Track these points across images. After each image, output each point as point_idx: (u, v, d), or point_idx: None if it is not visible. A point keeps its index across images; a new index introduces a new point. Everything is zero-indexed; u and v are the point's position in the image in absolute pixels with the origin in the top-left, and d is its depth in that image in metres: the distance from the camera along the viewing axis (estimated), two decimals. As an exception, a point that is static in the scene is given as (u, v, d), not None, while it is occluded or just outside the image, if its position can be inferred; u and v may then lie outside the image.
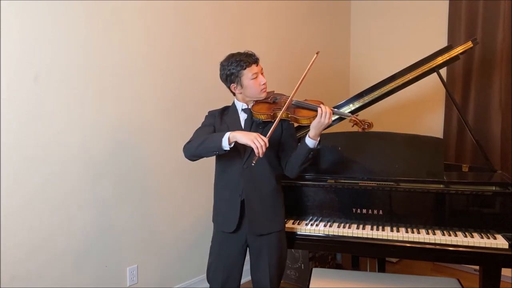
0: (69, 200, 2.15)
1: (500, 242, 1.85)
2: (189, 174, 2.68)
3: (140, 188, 2.45)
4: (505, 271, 2.51)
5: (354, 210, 2.11)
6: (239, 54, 1.80)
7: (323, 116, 1.69)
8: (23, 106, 1.96)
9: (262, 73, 1.83)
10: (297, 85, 1.80)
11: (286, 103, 1.76)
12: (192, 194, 2.72)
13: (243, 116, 1.88)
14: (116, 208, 2.35)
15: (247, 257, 1.92)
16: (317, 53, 1.84)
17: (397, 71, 2.42)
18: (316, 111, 1.73)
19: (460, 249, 1.88)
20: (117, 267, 2.39)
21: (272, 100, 1.86)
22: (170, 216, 2.62)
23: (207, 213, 2.81)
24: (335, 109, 1.80)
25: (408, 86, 2.43)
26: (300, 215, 2.17)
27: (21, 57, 1.95)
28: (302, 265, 2.93)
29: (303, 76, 1.80)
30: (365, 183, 2.12)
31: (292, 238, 2.06)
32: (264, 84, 1.82)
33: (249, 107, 1.86)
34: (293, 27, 3.36)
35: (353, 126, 1.83)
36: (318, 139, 1.75)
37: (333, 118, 1.73)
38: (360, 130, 1.79)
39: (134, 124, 2.40)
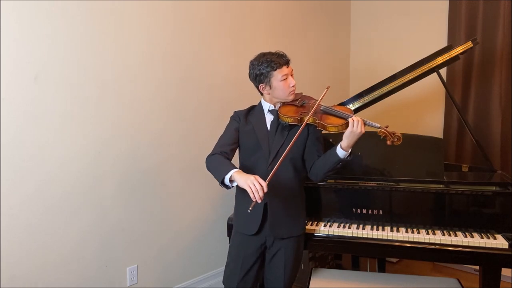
0: (69, 200, 2.15)
1: (500, 242, 1.85)
2: (189, 174, 2.68)
3: (140, 188, 2.45)
4: (505, 271, 2.51)
5: (354, 210, 2.11)
6: (270, 54, 1.77)
7: (355, 126, 1.64)
8: (23, 106, 1.96)
9: (292, 75, 1.81)
10: (326, 90, 1.77)
11: (314, 108, 1.73)
12: (192, 194, 2.72)
13: (269, 118, 1.86)
14: (116, 208, 2.35)
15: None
16: (327, 88, 1.80)
17: (397, 71, 2.42)
18: (345, 119, 1.70)
19: (460, 249, 1.88)
20: (117, 267, 2.39)
21: (300, 104, 1.82)
22: (170, 216, 2.62)
23: (207, 213, 2.81)
24: (366, 120, 1.72)
25: (408, 86, 2.43)
26: (300, 215, 2.17)
27: (21, 57, 1.95)
28: (302, 265, 2.93)
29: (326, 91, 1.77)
30: (365, 183, 2.12)
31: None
32: (293, 86, 1.79)
33: (276, 109, 1.84)
34: (293, 27, 3.36)
35: (382, 138, 1.75)
36: (350, 150, 1.70)
37: (363, 128, 1.66)
38: (389, 143, 1.72)
39: (134, 124, 2.40)
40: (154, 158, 2.50)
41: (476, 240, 1.88)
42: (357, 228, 2.04)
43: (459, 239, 1.89)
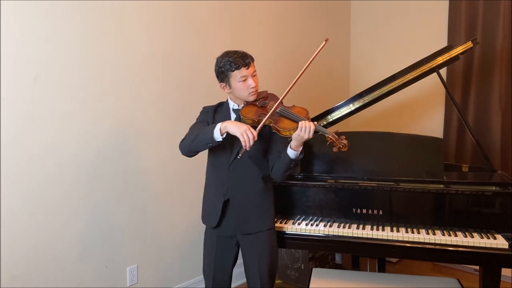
0: (69, 200, 2.15)
1: (500, 242, 1.85)
2: (189, 174, 2.68)
3: (140, 188, 2.45)
4: (505, 271, 2.51)
5: (354, 210, 2.11)
6: (234, 53, 1.79)
7: (303, 131, 1.66)
8: (23, 106, 1.96)
9: (254, 76, 1.82)
10: (287, 91, 1.78)
11: (271, 111, 1.74)
12: (192, 194, 2.72)
13: (233, 116, 1.89)
14: (116, 208, 2.35)
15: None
16: (326, 40, 1.79)
17: (397, 71, 2.42)
18: (297, 123, 1.70)
19: (460, 249, 1.88)
20: (117, 267, 2.39)
21: (260, 104, 1.83)
22: (170, 216, 2.62)
23: (207, 213, 2.81)
24: (317, 125, 1.71)
25: (408, 86, 2.42)
26: (300, 215, 2.17)
27: (21, 57, 1.95)
28: (302, 265, 2.93)
29: (296, 79, 1.79)
30: (365, 183, 2.12)
31: (293, 238, 2.06)
32: (253, 87, 1.79)
33: (239, 108, 1.86)
34: (293, 27, 3.36)
35: (328, 144, 1.75)
36: (300, 149, 1.73)
37: (311, 134, 1.67)
38: (335, 149, 1.72)
39: (133, 124, 2.40)
40: (154, 158, 2.50)
41: (476, 240, 1.88)
42: (357, 228, 2.03)
43: (459, 239, 1.89)
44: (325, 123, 2.48)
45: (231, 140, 1.81)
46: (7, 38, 1.89)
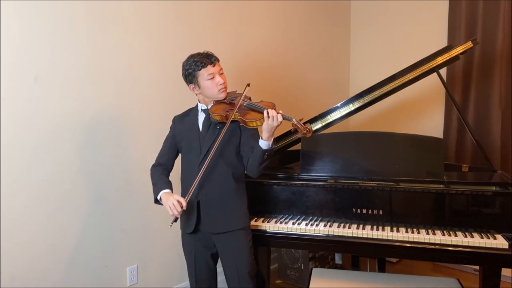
0: (69, 200, 2.15)
1: (500, 242, 1.85)
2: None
3: (140, 188, 2.45)
4: (505, 271, 2.51)
5: (354, 210, 2.11)
6: (197, 54, 1.83)
7: (270, 119, 1.69)
8: (23, 106, 1.97)
9: (221, 73, 1.85)
10: (246, 86, 1.83)
11: (238, 105, 1.78)
12: (192, 194, 2.72)
13: (201, 117, 1.91)
14: (116, 208, 2.35)
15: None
16: (247, 85, 1.86)
17: (397, 71, 2.42)
18: (263, 113, 1.73)
19: (460, 249, 1.88)
20: (117, 267, 2.39)
21: (228, 101, 1.86)
22: (170, 216, 2.61)
23: (207, 213, 2.81)
24: (282, 113, 1.74)
25: (408, 86, 2.42)
26: (300, 215, 2.17)
27: (21, 57, 1.95)
28: (302, 265, 2.93)
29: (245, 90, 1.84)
30: (365, 183, 2.12)
31: (293, 239, 2.06)
32: (221, 84, 1.83)
33: (208, 108, 1.88)
34: (293, 27, 3.36)
35: (293, 131, 1.80)
36: (272, 139, 1.75)
37: (280, 120, 1.70)
38: (299, 135, 1.76)
39: (134, 124, 2.40)
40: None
41: (476, 240, 1.88)
42: (357, 228, 2.03)
43: (459, 239, 1.89)
44: (325, 123, 2.48)
45: (198, 140, 1.87)
46: (7, 38, 1.89)
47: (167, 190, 1.82)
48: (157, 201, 1.85)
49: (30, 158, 2.00)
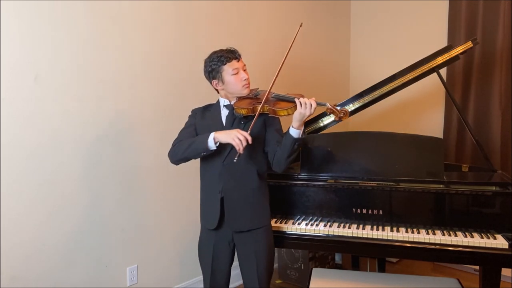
0: (68, 199, 2.15)
1: (500, 242, 1.85)
2: (189, 174, 2.68)
3: (140, 188, 2.45)
4: (505, 271, 2.51)
5: (354, 210, 2.11)
6: (220, 50, 1.82)
7: (303, 107, 1.68)
8: (23, 106, 1.97)
9: (244, 70, 1.84)
10: (275, 76, 1.80)
11: (265, 96, 1.76)
12: (192, 194, 2.72)
13: (224, 113, 1.88)
14: (116, 208, 2.35)
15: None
16: (300, 25, 1.83)
17: (397, 71, 2.42)
18: (294, 102, 1.72)
19: (460, 249, 1.88)
20: (117, 267, 2.39)
21: (253, 95, 1.85)
22: (170, 216, 2.62)
23: (207, 213, 2.81)
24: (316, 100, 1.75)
25: (408, 86, 2.43)
26: (300, 215, 2.17)
27: (21, 57, 1.95)
28: (302, 265, 2.93)
29: (282, 62, 1.83)
30: (365, 183, 2.12)
31: (293, 238, 2.06)
32: (246, 80, 1.81)
33: (231, 103, 1.86)
34: (293, 27, 3.36)
35: (329, 114, 1.90)
36: (302, 128, 1.73)
37: (314, 107, 1.70)
38: (336, 118, 1.79)
39: (134, 124, 2.40)
40: (154, 159, 2.50)
41: (476, 240, 1.88)
42: (357, 228, 2.03)
43: (459, 239, 1.89)
44: (325, 123, 2.48)
45: None
46: (7, 38, 1.89)
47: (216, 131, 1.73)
48: (204, 152, 1.74)
49: (30, 158, 2.00)
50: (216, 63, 1.79)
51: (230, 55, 1.79)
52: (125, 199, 2.39)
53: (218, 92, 1.90)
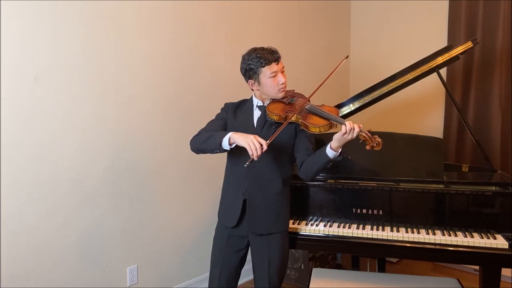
0: (69, 199, 2.15)
1: (500, 242, 1.85)
2: (189, 175, 2.68)
3: (140, 188, 2.45)
4: (505, 271, 2.51)
5: (354, 210, 2.11)
6: (261, 49, 1.75)
7: (348, 132, 1.61)
8: (23, 106, 1.96)
9: (283, 72, 1.79)
10: (315, 89, 1.76)
11: (300, 107, 1.72)
12: (192, 194, 2.72)
13: (257, 114, 1.85)
14: (116, 208, 2.35)
15: (249, 257, 1.93)
16: (346, 57, 1.81)
17: (397, 71, 2.42)
18: (328, 120, 1.68)
19: (460, 249, 1.88)
20: (117, 267, 2.39)
21: (288, 101, 1.81)
22: (170, 216, 2.62)
23: (207, 213, 2.81)
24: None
25: (408, 86, 2.43)
26: (300, 215, 2.17)
27: (21, 57, 1.95)
28: (302, 265, 2.93)
29: (324, 80, 1.77)
30: (365, 183, 2.12)
31: (293, 238, 2.06)
32: (282, 83, 1.77)
33: (264, 105, 1.83)
34: (293, 27, 3.36)
35: (361, 142, 1.68)
36: (340, 150, 1.68)
37: (356, 134, 1.61)
38: (368, 147, 1.66)
39: (134, 124, 2.40)
40: (154, 158, 2.50)
41: (476, 240, 1.88)
42: (357, 228, 2.03)
43: (459, 239, 1.89)
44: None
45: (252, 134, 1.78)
46: (7, 38, 1.89)
47: (235, 131, 1.67)
48: (219, 149, 1.68)
49: (30, 158, 2.00)
50: (255, 63, 1.73)
51: (270, 57, 1.72)
52: (125, 199, 2.38)
53: (253, 90, 1.87)
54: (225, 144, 1.66)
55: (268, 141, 1.61)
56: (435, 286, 2.05)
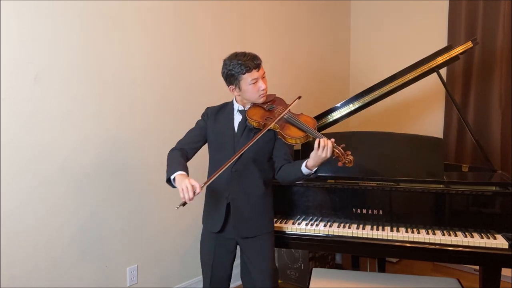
0: (69, 199, 2.15)
1: (500, 242, 1.85)
2: (189, 174, 2.68)
3: (140, 188, 2.45)
4: (505, 271, 2.51)
5: (354, 210, 2.11)
6: (243, 55, 1.75)
7: (321, 149, 1.59)
8: (23, 106, 1.96)
9: (264, 77, 1.80)
10: (295, 99, 1.80)
11: (279, 116, 1.73)
12: (192, 194, 2.72)
13: (238, 118, 1.87)
14: (116, 208, 2.35)
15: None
16: (299, 98, 1.83)
17: (397, 71, 2.42)
18: (305, 132, 1.70)
19: (460, 249, 1.88)
20: (117, 267, 2.39)
21: (267, 108, 1.83)
22: (170, 216, 2.62)
23: (207, 213, 2.81)
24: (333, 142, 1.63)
25: (408, 86, 2.43)
26: (300, 215, 2.17)
27: (21, 57, 1.95)
28: (302, 265, 2.93)
29: (291, 103, 1.81)
30: (365, 183, 2.12)
31: (293, 238, 2.06)
32: (263, 90, 1.78)
33: (245, 109, 1.85)
34: (293, 27, 3.36)
35: (334, 158, 1.64)
36: (315, 169, 1.67)
37: (330, 153, 1.60)
38: (340, 164, 1.64)
39: (133, 124, 2.40)
40: (154, 158, 2.50)
41: (476, 240, 1.88)
42: (357, 228, 2.03)
43: (459, 239, 1.89)
44: (325, 123, 2.48)
45: (232, 141, 1.82)
46: (7, 38, 1.89)
47: (183, 172, 1.70)
48: (168, 182, 1.74)
49: (30, 158, 2.00)
50: (236, 70, 1.74)
51: (251, 64, 1.73)
52: (125, 199, 2.38)
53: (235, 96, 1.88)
54: (173, 182, 1.70)
55: (203, 184, 1.64)
56: (435, 286, 2.05)
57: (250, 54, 1.77)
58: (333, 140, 1.63)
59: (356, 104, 2.46)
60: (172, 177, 1.70)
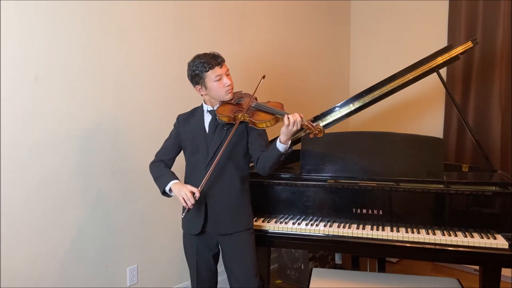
0: (68, 199, 2.15)
1: (500, 242, 1.85)
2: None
3: (140, 188, 2.45)
4: (505, 271, 2.51)
5: (354, 210, 2.11)
6: (204, 55, 1.82)
7: (291, 125, 1.66)
8: (23, 106, 1.97)
9: (228, 74, 1.84)
10: (256, 87, 1.83)
11: (246, 105, 1.78)
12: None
13: (208, 118, 1.90)
14: (116, 208, 2.35)
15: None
16: (263, 77, 1.86)
17: (397, 71, 2.42)
18: (273, 114, 1.73)
19: (460, 249, 1.88)
20: (117, 267, 2.39)
21: (235, 102, 1.86)
22: (170, 216, 2.61)
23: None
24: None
25: (408, 86, 2.42)
26: (300, 215, 2.17)
27: (21, 57, 1.95)
28: (302, 265, 2.93)
29: (259, 82, 1.84)
30: (365, 183, 2.12)
31: (293, 238, 2.06)
32: (228, 85, 1.82)
33: (214, 109, 1.87)
34: (293, 27, 3.36)
35: (305, 131, 1.78)
36: (289, 142, 1.73)
37: (300, 124, 1.66)
38: (311, 136, 1.71)
39: (134, 124, 2.40)
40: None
41: (476, 240, 1.88)
42: (357, 228, 2.03)
43: (459, 239, 1.89)
44: (325, 123, 2.48)
45: (205, 141, 1.86)
46: (7, 38, 1.89)
47: (177, 181, 1.81)
48: (164, 194, 1.83)
49: (30, 158, 2.00)
50: (199, 69, 1.79)
51: (212, 61, 1.79)
52: (125, 199, 2.38)
53: (202, 96, 1.92)
54: (169, 192, 1.80)
55: (199, 188, 1.71)
56: (435, 286, 2.05)
57: (212, 53, 1.83)
58: (301, 114, 1.69)
59: (356, 104, 2.45)
60: (167, 188, 1.79)
